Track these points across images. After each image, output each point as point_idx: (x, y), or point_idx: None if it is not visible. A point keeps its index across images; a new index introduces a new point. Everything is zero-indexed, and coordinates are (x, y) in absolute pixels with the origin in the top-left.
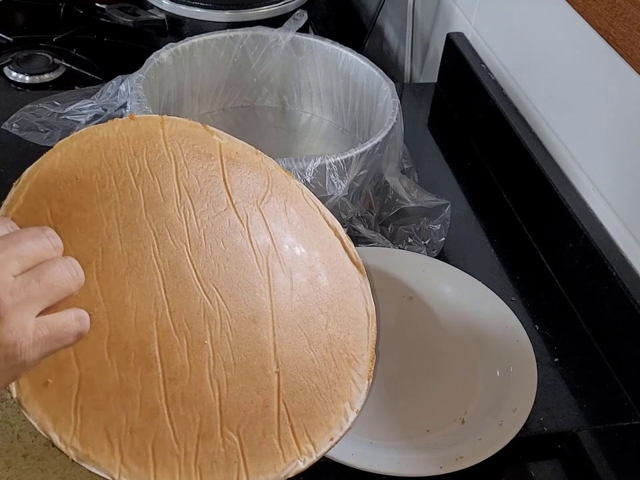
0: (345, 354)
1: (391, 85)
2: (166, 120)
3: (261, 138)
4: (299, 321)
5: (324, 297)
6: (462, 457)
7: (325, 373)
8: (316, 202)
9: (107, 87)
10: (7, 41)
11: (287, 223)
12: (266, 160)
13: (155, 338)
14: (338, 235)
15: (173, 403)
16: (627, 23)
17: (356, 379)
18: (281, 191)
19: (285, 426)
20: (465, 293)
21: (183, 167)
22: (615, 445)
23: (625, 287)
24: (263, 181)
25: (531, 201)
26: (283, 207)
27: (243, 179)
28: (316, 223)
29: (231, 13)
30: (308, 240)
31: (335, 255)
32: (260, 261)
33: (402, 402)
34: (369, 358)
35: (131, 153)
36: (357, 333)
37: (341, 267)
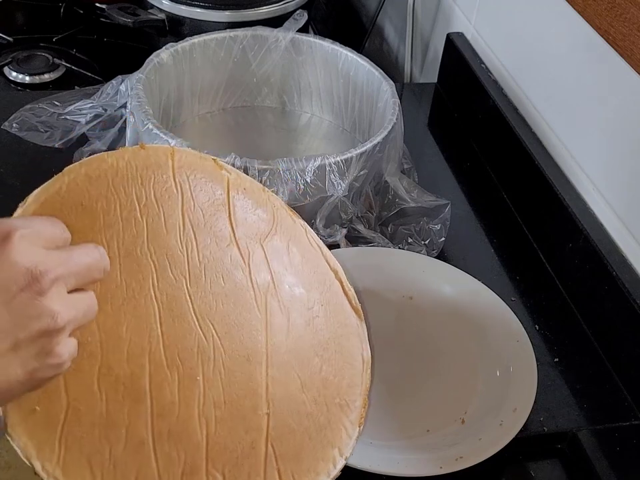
0: (337, 398)
1: (390, 85)
2: (176, 151)
3: (260, 138)
4: (293, 362)
5: (320, 339)
6: (462, 456)
7: (316, 417)
8: (319, 243)
9: (107, 87)
10: (7, 41)
11: (289, 263)
12: (272, 198)
13: (147, 372)
14: (338, 277)
15: (160, 438)
16: (627, 23)
17: (347, 425)
18: (285, 230)
19: (272, 469)
20: (465, 293)
21: (189, 199)
22: (615, 444)
23: (624, 286)
24: (269, 218)
25: (531, 201)
26: (286, 245)
27: (248, 216)
28: (317, 264)
29: (230, 12)
30: (308, 281)
31: (334, 298)
32: (259, 299)
33: (402, 402)
34: (361, 404)
35: (138, 182)
36: (351, 379)
37: (339, 310)
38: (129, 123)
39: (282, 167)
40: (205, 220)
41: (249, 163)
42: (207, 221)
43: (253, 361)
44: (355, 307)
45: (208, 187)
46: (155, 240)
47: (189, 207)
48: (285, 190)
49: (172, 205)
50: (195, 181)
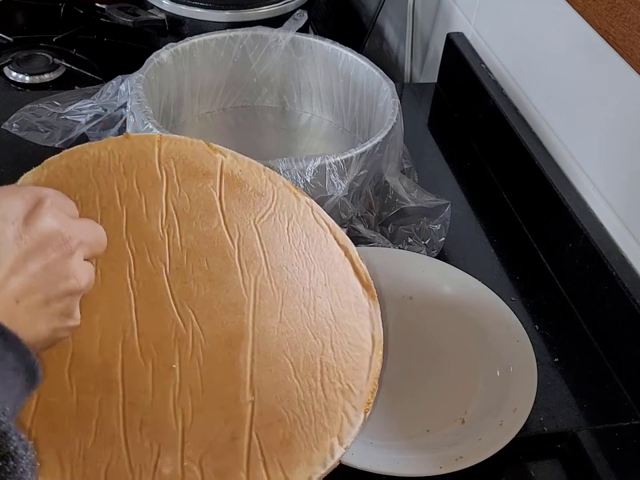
0: (338, 383)
1: (391, 85)
2: (164, 138)
3: (261, 138)
4: (284, 346)
5: (321, 321)
6: (462, 456)
7: (310, 404)
8: (327, 220)
9: (107, 87)
10: (7, 41)
11: (288, 242)
12: (274, 177)
13: (119, 361)
14: (349, 254)
15: (131, 429)
16: (627, 23)
17: (349, 411)
18: (286, 209)
19: (256, 460)
20: (465, 293)
21: (174, 185)
22: (615, 444)
23: (624, 286)
24: (266, 199)
25: (531, 201)
26: (286, 225)
27: (242, 197)
28: (324, 242)
29: (230, 12)
30: (311, 260)
31: (341, 276)
32: (247, 281)
33: (402, 402)
34: (368, 389)
35: (120, 171)
36: (356, 362)
37: (347, 290)
38: (129, 123)
39: (282, 166)
40: (191, 205)
41: None
42: (192, 206)
43: (236, 346)
44: (367, 284)
45: (197, 172)
46: (134, 228)
47: (173, 192)
48: None
49: (155, 191)
50: (183, 167)
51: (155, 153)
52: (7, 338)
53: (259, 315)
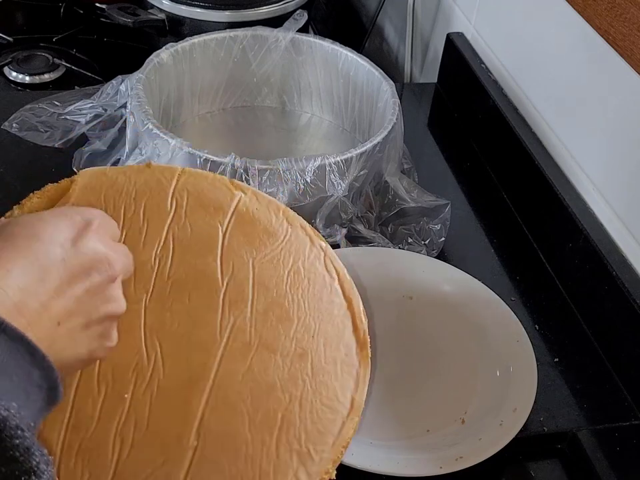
0: (296, 444)
1: (391, 85)
2: (186, 172)
3: (261, 138)
4: (245, 394)
5: (295, 374)
6: (462, 457)
7: (258, 461)
8: (338, 268)
9: (107, 87)
10: (7, 41)
11: (284, 286)
12: (292, 218)
13: (76, 381)
14: (352, 307)
15: (68, 452)
16: (627, 23)
17: (301, 477)
18: (294, 252)
19: None
20: (465, 293)
21: (180, 216)
22: (615, 444)
23: (624, 286)
24: (275, 239)
25: (531, 201)
26: (288, 268)
27: (249, 235)
28: (327, 290)
29: (230, 13)
30: (305, 308)
31: (335, 330)
32: (225, 321)
33: (402, 402)
34: (331, 457)
35: (132, 196)
36: (325, 425)
37: (338, 345)
38: (129, 123)
39: (282, 166)
40: (192, 236)
41: (249, 162)
42: (193, 237)
43: (194, 387)
44: (363, 342)
45: (207, 206)
46: None
47: (177, 222)
48: (285, 190)
49: (159, 220)
50: (195, 200)
51: (172, 184)
52: (35, 355)
53: (227, 358)
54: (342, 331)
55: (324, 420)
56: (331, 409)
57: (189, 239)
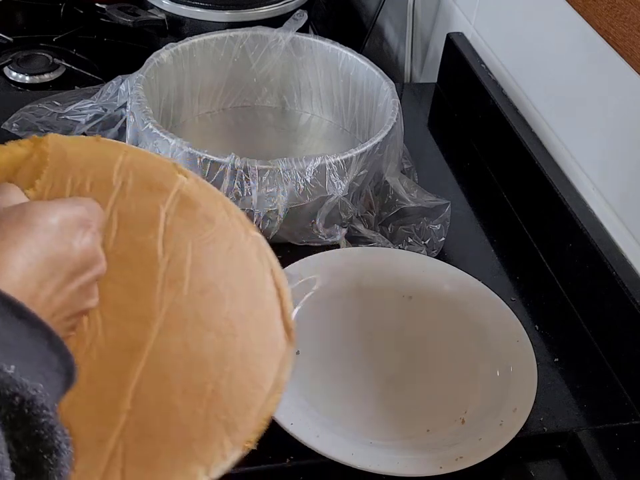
0: (223, 415)
1: (391, 85)
2: (132, 150)
3: (261, 138)
4: (179, 367)
5: (227, 352)
6: (462, 457)
7: (187, 428)
8: (270, 258)
9: (107, 87)
10: (7, 41)
11: (220, 270)
12: (229, 207)
13: None
14: (281, 295)
15: None
16: (627, 23)
17: (226, 445)
18: (230, 238)
19: (115, 468)
20: (465, 293)
21: (125, 192)
22: (615, 444)
23: (624, 286)
24: (213, 224)
25: (531, 201)
26: (224, 254)
27: (189, 218)
28: (258, 277)
29: (230, 13)
30: (238, 291)
31: (265, 315)
32: (163, 297)
33: (402, 402)
34: (252, 428)
35: (79, 167)
36: (251, 399)
37: (266, 329)
38: (129, 123)
39: (282, 166)
40: (135, 214)
41: (249, 162)
42: (137, 215)
43: (131, 356)
44: (289, 327)
45: (152, 186)
46: None
47: (122, 199)
48: (285, 190)
49: (104, 194)
50: (140, 179)
51: (118, 160)
52: (52, 341)
53: (164, 332)
54: (271, 316)
55: (249, 395)
56: (256, 386)
57: (133, 216)
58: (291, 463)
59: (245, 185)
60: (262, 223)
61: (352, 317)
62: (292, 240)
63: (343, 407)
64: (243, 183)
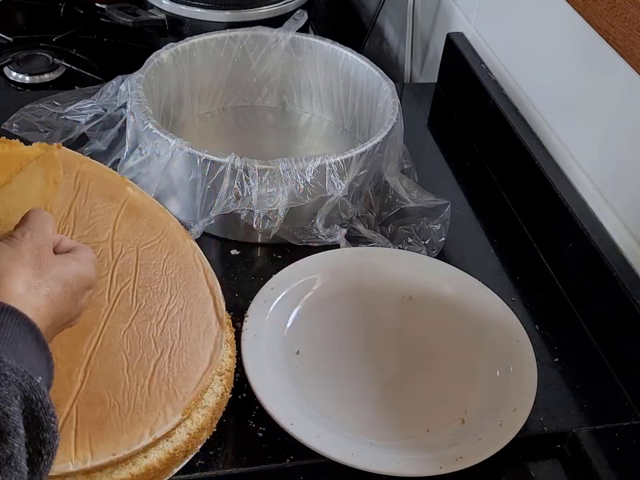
0: (165, 387)
1: (391, 85)
2: (87, 161)
3: (261, 138)
4: (126, 345)
5: (167, 335)
6: (462, 457)
7: (133, 396)
8: (204, 263)
9: (107, 87)
10: (7, 41)
11: (160, 269)
12: (169, 219)
13: None
14: (214, 293)
15: None
16: (627, 23)
17: (168, 411)
18: (169, 244)
19: (69, 428)
20: (465, 293)
21: (82, 196)
22: (615, 445)
23: (625, 286)
24: (156, 231)
25: (531, 201)
26: (165, 256)
27: (134, 225)
28: (195, 277)
29: (230, 13)
30: (177, 287)
31: (199, 307)
32: (112, 289)
33: (402, 402)
34: (192, 397)
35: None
36: (189, 374)
37: (201, 318)
38: (129, 123)
39: (282, 166)
40: (90, 216)
41: (249, 162)
42: (91, 217)
43: (85, 335)
44: (221, 318)
45: (105, 194)
46: None
47: (79, 202)
48: (285, 190)
49: (64, 197)
50: (94, 187)
51: (75, 168)
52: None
53: (113, 317)
54: (205, 308)
55: (188, 370)
56: (194, 363)
57: (88, 217)
58: (291, 463)
59: (244, 184)
60: (262, 222)
61: (352, 317)
62: (292, 240)
63: (343, 407)
64: (242, 182)
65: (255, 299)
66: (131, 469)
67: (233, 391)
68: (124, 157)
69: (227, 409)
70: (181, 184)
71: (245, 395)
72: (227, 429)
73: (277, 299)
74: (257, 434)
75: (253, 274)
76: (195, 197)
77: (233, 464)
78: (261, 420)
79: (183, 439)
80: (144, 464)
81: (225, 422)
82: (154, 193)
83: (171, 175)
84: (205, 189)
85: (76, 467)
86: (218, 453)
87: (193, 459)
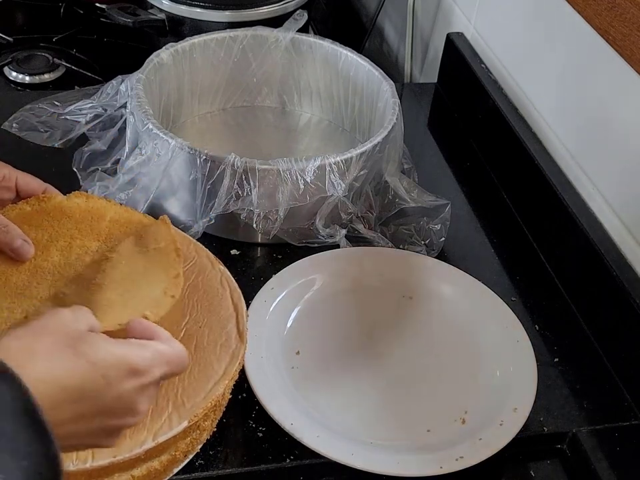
0: (173, 397)
1: (391, 85)
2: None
3: (260, 138)
4: None
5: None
6: (462, 456)
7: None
8: (230, 283)
9: (107, 87)
10: (6, 41)
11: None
12: (199, 249)
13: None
14: (237, 309)
15: None
16: (627, 23)
17: (173, 419)
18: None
19: None
20: (465, 293)
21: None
22: (615, 444)
23: (624, 287)
24: (187, 261)
25: (531, 201)
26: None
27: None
28: (218, 298)
29: (230, 13)
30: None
31: (219, 323)
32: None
33: (402, 402)
34: (202, 405)
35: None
36: (200, 385)
37: (220, 333)
38: (129, 123)
39: (282, 167)
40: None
41: (249, 162)
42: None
43: None
44: (241, 332)
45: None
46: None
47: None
48: (285, 190)
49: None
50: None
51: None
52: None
53: None
54: (225, 325)
55: (198, 381)
56: (206, 375)
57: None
58: (291, 462)
59: (245, 184)
60: (262, 222)
61: (352, 317)
62: (292, 240)
63: (343, 406)
64: (243, 182)
65: (255, 299)
66: (132, 470)
67: (232, 391)
68: (124, 157)
69: (226, 409)
70: (181, 184)
71: (244, 394)
72: (227, 428)
73: (277, 299)
74: (256, 434)
75: (253, 274)
76: (195, 196)
77: (233, 464)
78: (261, 420)
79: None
80: (145, 465)
81: (224, 422)
82: (154, 193)
83: (171, 175)
84: (205, 188)
85: (75, 467)
86: (218, 453)
87: (193, 459)
